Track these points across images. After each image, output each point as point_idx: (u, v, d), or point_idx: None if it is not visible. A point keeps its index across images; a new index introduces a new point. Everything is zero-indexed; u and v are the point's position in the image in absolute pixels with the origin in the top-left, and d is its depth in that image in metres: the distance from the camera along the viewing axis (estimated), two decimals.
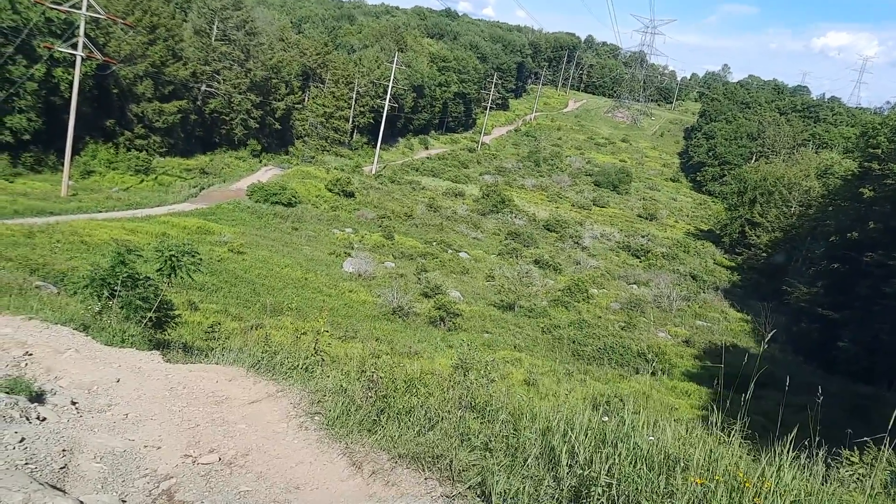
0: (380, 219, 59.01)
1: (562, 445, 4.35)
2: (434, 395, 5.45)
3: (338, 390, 5.92)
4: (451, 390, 5.46)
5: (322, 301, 33.12)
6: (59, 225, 35.27)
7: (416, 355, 23.68)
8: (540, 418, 4.82)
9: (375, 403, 5.49)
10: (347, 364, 8.77)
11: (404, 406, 5.35)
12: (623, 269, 61.37)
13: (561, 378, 26.34)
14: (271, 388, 6.51)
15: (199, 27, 71.58)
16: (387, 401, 5.47)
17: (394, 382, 5.61)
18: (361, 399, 5.57)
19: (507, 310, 40.29)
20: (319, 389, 6.12)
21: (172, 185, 55.06)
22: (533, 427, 4.67)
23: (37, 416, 5.89)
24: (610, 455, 4.19)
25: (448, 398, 5.34)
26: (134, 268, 12.70)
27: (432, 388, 5.56)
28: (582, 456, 4.26)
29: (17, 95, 46.45)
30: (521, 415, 4.93)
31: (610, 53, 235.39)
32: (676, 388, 29.68)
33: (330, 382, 6.20)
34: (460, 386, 5.49)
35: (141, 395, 6.93)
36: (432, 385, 5.67)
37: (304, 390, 6.23)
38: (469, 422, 5.01)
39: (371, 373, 5.64)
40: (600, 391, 22.63)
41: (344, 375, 6.20)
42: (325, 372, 6.90)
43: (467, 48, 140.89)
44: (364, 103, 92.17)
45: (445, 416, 5.10)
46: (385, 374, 5.71)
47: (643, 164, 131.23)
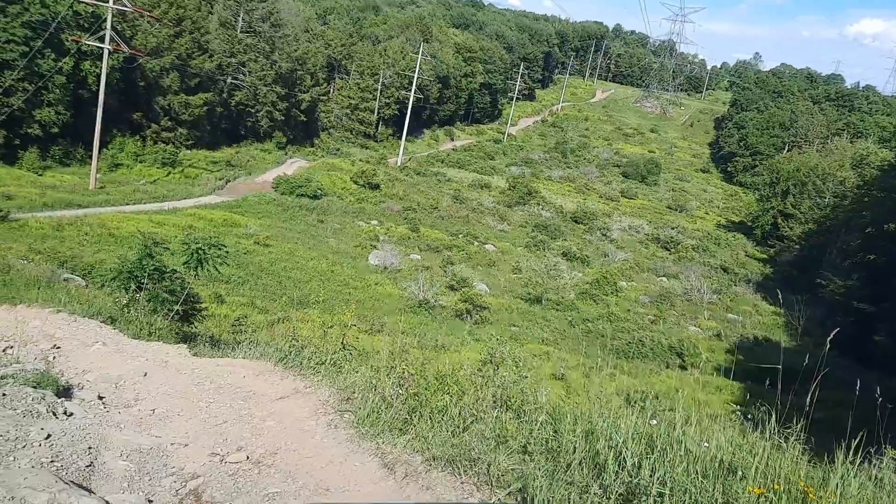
0: (405, 211, 58.89)
1: (607, 450, 4.11)
2: (468, 393, 5.24)
3: (368, 387, 5.75)
4: (485, 388, 5.25)
5: (348, 294, 33.14)
6: (88, 217, 35.60)
7: (443, 349, 23.54)
8: (582, 420, 4.57)
9: (407, 401, 5.31)
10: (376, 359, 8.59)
11: (437, 405, 5.15)
12: (652, 261, 60.73)
13: (590, 372, 26.04)
14: (299, 384, 6.37)
15: (225, 19, 71.83)
16: (418, 399, 5.27)
17: (425, 380, 5.41)
18: (392, 397, 5.40)
19: (535, 303, 39.99)
20: (349, 386, 5.96)
21: (199, 177, 55.40)
22: (575, 429, 4.43)
23: (63, 412, 5.80)
24: (659, 461, 3.93)
25: (482, 397, 5.12)
26: (161, 260, 12.67)
27: (465, 386, 5.36)
28: (630, 462, 4.00)
29: (45, 89, 46.93)
30: (561, 416, 4.69)
31: (638, 42, 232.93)
32: (708, 383, 29.20)
33: (359, 379, 6.04)
34: (494, 384, 5.28)
35: (168, 390, 6.83)
36: (465, 382, 5.47)
37: (332, 387, 6.08)
38: (506, 423, 4.80)
39: (402, 370, 5.46)
40: (632, 386, 22.33)
41: (374, 372, 6.03)
42: (353, 367, 6.74)
43: (493, 38, 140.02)
44: (389, 95, 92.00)
45: (480, 417, 4.88)
46: (416, 370, 5.52)
47: (672, 154, 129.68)
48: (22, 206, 35.45)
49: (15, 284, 12.25)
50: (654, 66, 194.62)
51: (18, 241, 27.30)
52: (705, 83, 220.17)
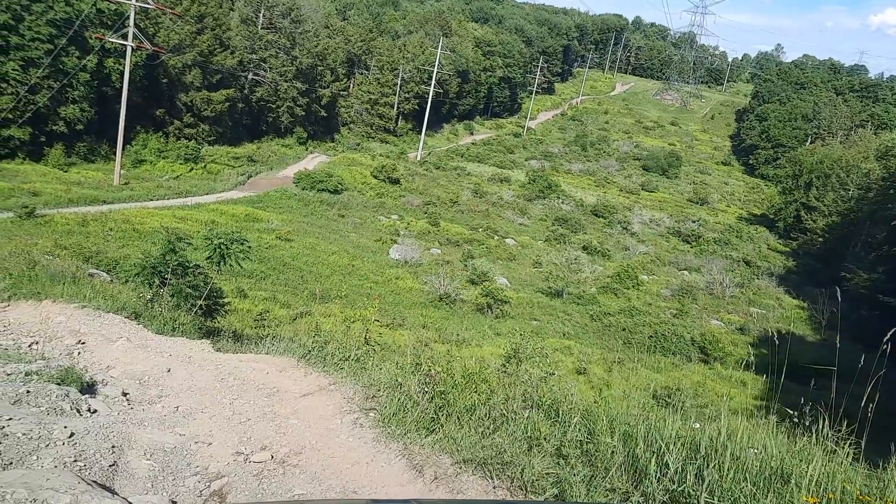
0: (425, 205, 58.81)
1: (648, 455, 3.92)
2: (496, 392, 5.10)
3: (393, 385, 5.65)
4: (514, 387, 5.10)
5: (369, 288, 33.13)
6: (112, 213, 35.91)
7: (464, 343, 23.45)
8: (619, 422, 4.40)
9: (433, 400, 5.19)
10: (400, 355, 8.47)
11: (465, 404, 5.02)
12: (673, 254, 60.17)
13: (612, 367, 25.84)
14: (323, 381, 6.29)
15: (246, 16, 72.08)
16: (445, 398, 5.14)
17: (452, 378, 5.29)
18: (418, 395, 5.29)
19: (556, 297, 39.77)
20: (373, 383, 5.86)
21: (221, 173, 55.70)
22: (611, 432, 4.27)
23: (87, 409, 5.77)
24: (704, 467, 3.69)
25: (512, 396, 4.98)
26: (184, 256, 12.67)
27: (494, 385, 5.22)
28: (672, 468, 3.78)
29: (70, 86, 47.37)
30: (596, 417, 4.52)
31: (658, 35, 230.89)
32: (731, 377, 28.90)
33: (384, 376, 5.94)
34: (524, 382, 5.15)
35: (191, 386, 6.80)
36: (493, 381, 5.33)
37: (357, 384, 5.99)
38: (538, 423, 4.65)
39: (427, 367, 5.35)
40: (655, 380, 22.13)
41: (398, 369, 5.93)
42: (377, 364, 6.65)
43: (512, 32, 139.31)
44: (409, 89, 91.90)
45: (511, 417, 4.73)
46: (442, 367, 5.41)
47: (693, 147, 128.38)
48: (48, 203, 35.82)
49: (40, 280, 12.31)
50: (675, 58, 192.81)
51: (44, 236, 27.58)
52: (726, 75, 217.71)
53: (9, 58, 44.88)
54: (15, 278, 12.45)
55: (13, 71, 44.74)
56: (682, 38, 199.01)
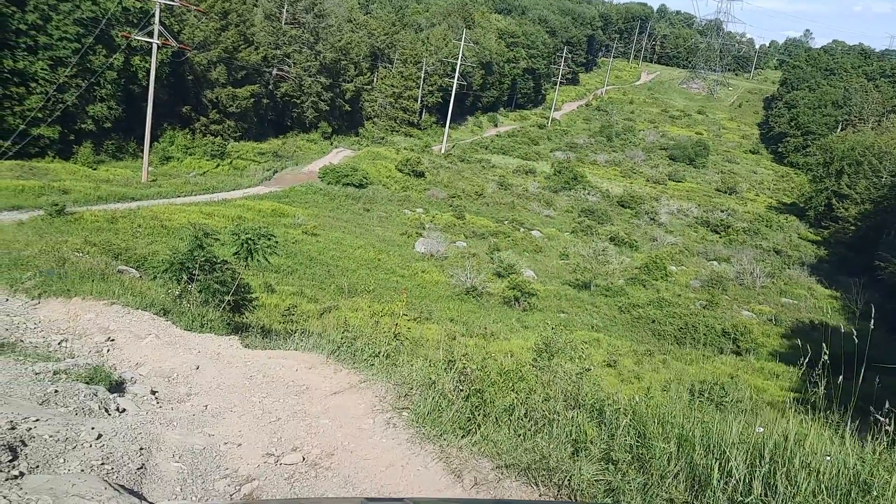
0: (450, 198, 58.59)
1: (709, 461, 3.62)
2: (535, 390, 4.87)
3: (426, 383, 5.46)
4: (553, 384, 4.88)
5: (395, 282, 33.03)
6: (141, 210, 36.15)
7: (492, 336, 23.26)
8: (672, 424, 4.13)
9: (469, 399, 4.99)
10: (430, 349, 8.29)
11: (502, 403, 4.81)
12: (702, 245, 59.38)
13: (642, 359, 25.50)
14: (353, 378, 6.14)
15: (270, 11, 72.25)
16: (481, 396, 4.95)
17: (487, 375, 5.08)
18: (452, 393, 5.10)
19: (583, 289, 39.37)
20: (406, 381, 5.68)
21: (247, 168, 55.93)
22: (665, 435, 4.01)
23: (116, 408, 5.68)
24: (770, 475, 3.40)
25: (552, 394, 4.75)
26: (211, 251, 12.63)
27: (532, 383, 5.00)
28: (736, 476, 3.48)
29: (97, 85, 47.77)
30: (646, 418, 4.26)
31: (684, 22, 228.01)
32: (764, 368, 28.40)
33: (417, 374, 5.76)
34: (563, 379, 4.92)
35: (220, 384, 6.70)
36: (531, 379, 5.11)
37: (389, 382, 5.82)
38: (584, 426, 4.41)
39: (462, 365, 5.15)
40: (689, 374, 21.80)
41: (431, 366, 5.74)
42: (409, 360, 6.48)
43: (536, 22, 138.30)
44: (432, 82, 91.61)
45: (553, 418, 4.50)
46: (476, 364, 5.20)
47: (720, 136, 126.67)
48: (77, 200, 36.15)
49: (70, 277, 12.34)
50: (701, 46, 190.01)
51: (74, 233, 27.81)
52: (753, 62, 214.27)
53: (37, 57, 45.35)
54: (45, 275, 12.50)
55: (42, 70, 45.21)
56: (709, 26, 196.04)
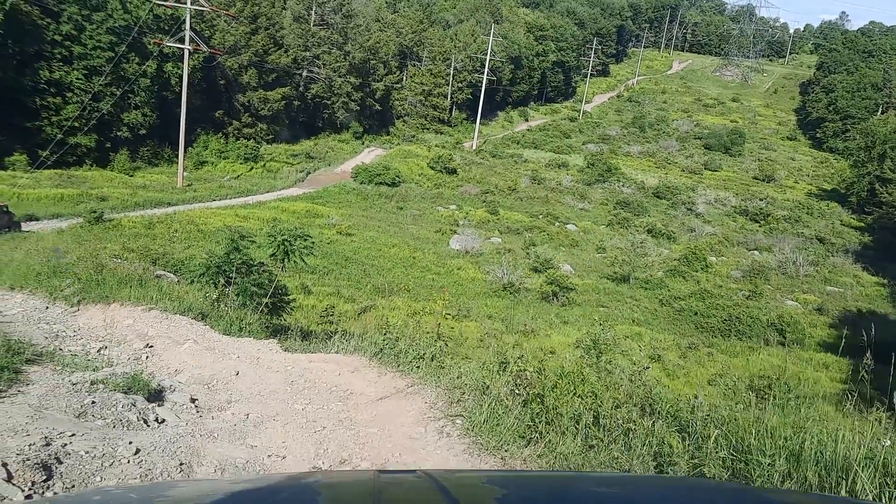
0: (483, 194, 58.21)
1: (830, 481, 3.16)
2: (602, 394, 4.49)
3: (479, 387, 5.14)
4: (617, 387, 4.50)
5: (431, 280, 32.79)
6: (177, 214, 36.41)
7: (532, 333, 22.88)
8: (775, 435, 3.66)
9: (528, 405, 4.65)
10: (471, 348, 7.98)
11: (567, 410, 4.43)
12: (742, 234, 58.17)
13: (686, 353, 24.90)
14: (399, 383, 5.86)
15: (298, 14, 72.56)
16: (542, 402, 4.60)
17: (546, 378, 4.73)
18: (509, 398, 4.77)
19: (622, 282, 38.73)
20: (457, 386, 5.37)
21: (280, 170, 56.22)
22: (770, 449, 3.54)
23: (155, 419, 5.48)
24: None
25: (622, 400, 4.37)
26: (248, 254, 12.49)
27: (596, 386, 4.62)
28: (867, 497, 3.03)
29: (132, 92, 48.38)
30: (740, 428, 3.83)
31: (715, 9, 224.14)
32: (812, 359, 27.57)
33: (468, 377, 5.44)
34: (631, 382, 4.55)
35: (261, 390, 6.47)
36: (592, 379, 4.74)
37: (438, 386, 5.52)
38: (666, 436, 4.00)
39: (519, 369, 4.81)
40: (737, 366, 21.20)
41: (483, 369, 5.41)
42: (456, 363, 6.17)
43: (564, 15, 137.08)
44: (462, 79, 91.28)
45: (629, 427, 4.11)
46: (533, 367, 4.86)
47: (756, 123, 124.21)
48: (115, 207, 36.58)
49: (108, 283, 12.25)
50: (734, 32, 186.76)
51: (113, 240, 28.04)
52: (788, 47, 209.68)
53: (73, 67, 46.09)
54: (84, 282, 12.45)
55: (77, 80, 45.93)
56: (741, 12, 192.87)
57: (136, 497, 2.06)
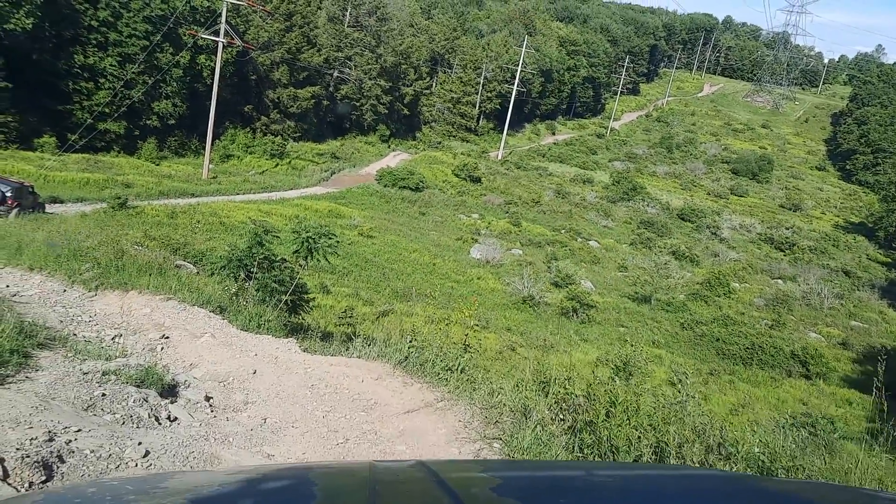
0: (507, 205, 57.83)
1: None
2: (661, 427, 4.05)
3: (519, 409, 4.75)
4: (677, 421, 4.07)
5: (450, 287, 32.43)
6: (200, 206, 36.35)
7: (551, 349, 22.42)
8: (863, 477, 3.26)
9: (577, 433, 4.23)
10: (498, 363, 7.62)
11: (623, 443, 4.00)
12: (766, 262, 57.28)
13: (707, 379, 24.32)
14: (427, 395, 5.49)
15: (333, 14, 72.69)
16: (594, 431, 4.17)
17: (597, 404, 4.29)
18: (553, 423, 4.38)
19: (643, 302, 38.13)
20: (494, 405, 4.97)
21: (305, 169, 56.16)
22: None
23: (167, 416, 5.15)
24: None
25: (686, 436, 3.93)
26: (270, 249, 12.19)
27: (656, 418, 4.18)
28: None
29: (163, 82, 48.49)
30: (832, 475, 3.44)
31: (750, 35, 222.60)
32: (836, 394, 26.88)
33: (505, 397, 5.04)
34: (694, 415, 4.12)
35: (279, 392, 6.14)
36: (647, 407, 4.31)
37: (473, 404, 5.13)
38: None
39: (562, 391, 4.40)
40: (760, 397, 20.63)
41: (522, 388, 5.02)
42: (487, 377, 5.79)
43: (597, 31, 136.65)
44: (491, 88, 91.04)
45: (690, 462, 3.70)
46: (579, 389, 4.44)
47: (785, 151, 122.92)
48: (140, 194, 36.58)
49: (127, 270, 12.01)
50: (767, 58, 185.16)
51: (135, 227, 27.96)
52: (822, 77, 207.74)
53: (107, 53, 46.29)
54: (103, 267, 12.24)
55: (111, 67, 46.11)
56: (776, 38, 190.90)
57: (131, 488, 2.06)
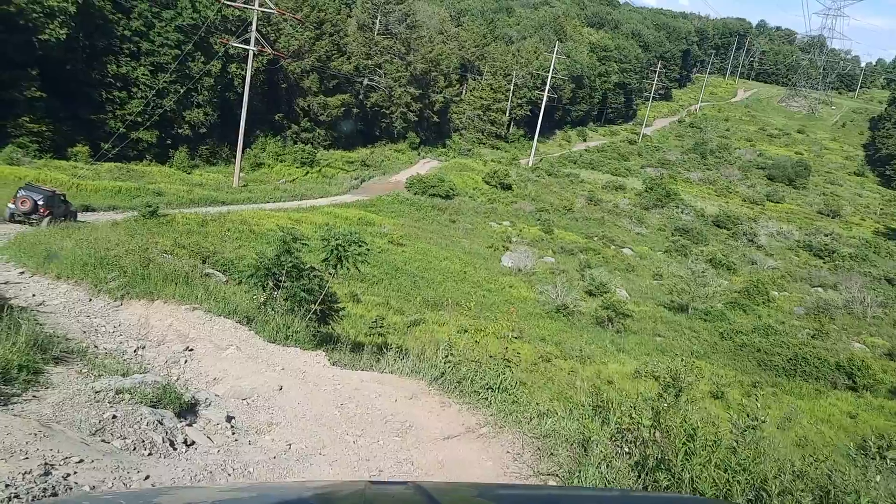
0: (538, 212, 57.13)
1: None
2: (753, 469, 3.43)
3: (577, 440, 4.21)
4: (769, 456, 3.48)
5: (482, 296, 31.86)
6: (230, 214, 36.27)
7: (588, 360, 21.76)
8: None
9: (649, 472, 3.67)
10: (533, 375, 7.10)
11: (708, 486, 3.40)
12: (805, 269, 55.82)
13: (750, 391, 23.42)
14: (468, 419, 4.98)
15: (363, 22, 72.72)
16: (669, 470, 3.60)
17: (671, 437, 3.70)
18: (617, 458, 3.82)
19: (680, 311, 37.19)
20: (547, 434, 4.44)
21: (335, 177, 56.09)
22: None
23: (183, 440, 4.70)
24: None
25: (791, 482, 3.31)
26: (299, 257, 11.79)
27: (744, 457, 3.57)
28: None
29: (195, 91, 48.72)
30: None
31: (784, 38, 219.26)
32: (885, 407, 25.77)
33: (561, 424, 4.49)
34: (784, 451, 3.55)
35: (306, 413, 5.67)
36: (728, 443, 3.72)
37: (522, 432, 4.60)
38: None
39: (628, 422, 3.83)
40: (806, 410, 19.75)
41: (578, 415, 4.46)
42: (532, 397, 5.26)
43: (629, 37, 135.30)
44: (521, 95, 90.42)
45: None
46: (645, 419, 3.86)
47: (822, 156, 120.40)
48: (171, 202, 36.60)
49: (153, 279, 11.73)
50: (803, 63, 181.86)
51: (165, 235, 27.88)
52: (859, 81, 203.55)
53: (140, 63, 46.63)
54: (129, 276, 11.96)
55: (143, 76, 46.44)
56: (811, 42, 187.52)
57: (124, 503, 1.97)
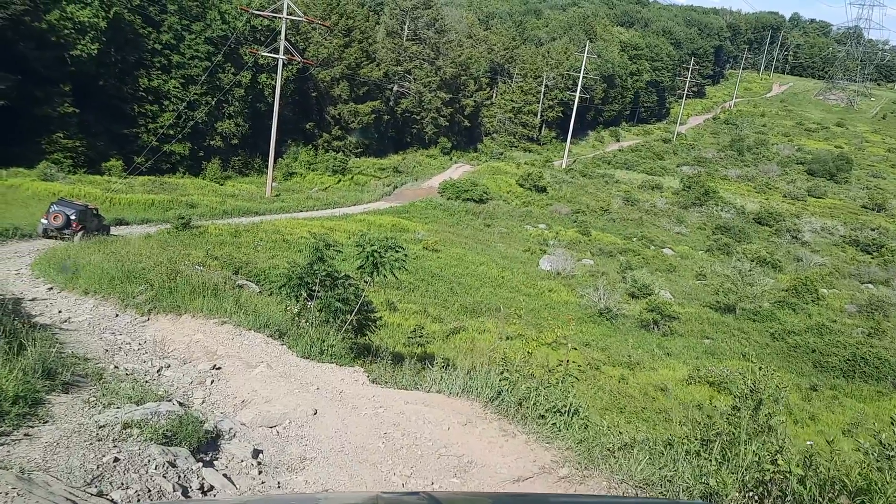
0: (574, 214, 55.99)
1: None
2: None
3: (697, 490, 3.37)
4: None
5: (522, 301, 30.93)
6: (263, 224, 35.92)
7: (637, 365, 20.73)
8: None
9: None
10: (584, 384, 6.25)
11: None
12: (853, 266, 53.82)
13: (810, 395, 22.20)
14: (540, 453, 4.16)
15: (392, 28, 72.40)
16: None
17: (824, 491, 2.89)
18: None
19: (727, 312, 35.81)
20: (648, 482, 3.59)
21: (367, 184, 55.65)
22: None
23: (199, 486, 3.94)
24: None
25: None
26: (332, 265, 11.07)
27: None
28: None
29: (226, 102, 48.66)
30: None
31: (819, 31, 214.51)
32: None
33: (659, 462, 3.66)
34: None
35: (344, 444, 4.89)
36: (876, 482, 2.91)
37: (612, 475, 3.75)
38: None
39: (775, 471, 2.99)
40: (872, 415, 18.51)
41: (680, 451, 3.62)
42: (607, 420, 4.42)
43: (660, 34, 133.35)
44: (552, 96, 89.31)
45: None
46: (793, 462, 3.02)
47: (863, 149, 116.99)
48: (203, 214, 36.37)
49: (181, 291, 11.13)
50: (839, 55, 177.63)
51: (198, 247, 27.50)
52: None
53: (171, 76, 46.68)
54: (156, 290, 11.40)
55: (174, 88, 46.47)
56: (847, 34, 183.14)
57: None
